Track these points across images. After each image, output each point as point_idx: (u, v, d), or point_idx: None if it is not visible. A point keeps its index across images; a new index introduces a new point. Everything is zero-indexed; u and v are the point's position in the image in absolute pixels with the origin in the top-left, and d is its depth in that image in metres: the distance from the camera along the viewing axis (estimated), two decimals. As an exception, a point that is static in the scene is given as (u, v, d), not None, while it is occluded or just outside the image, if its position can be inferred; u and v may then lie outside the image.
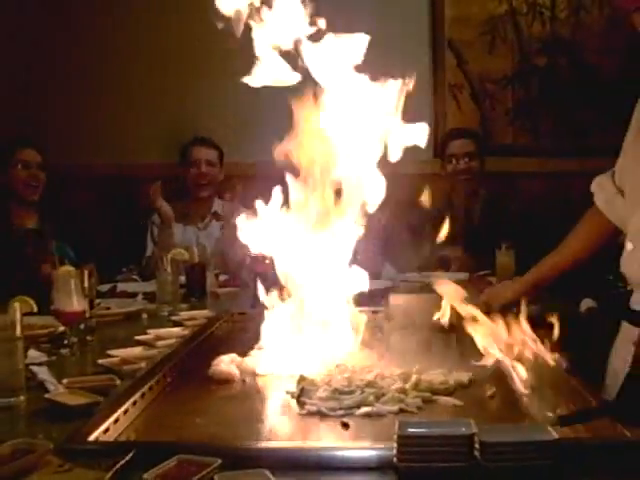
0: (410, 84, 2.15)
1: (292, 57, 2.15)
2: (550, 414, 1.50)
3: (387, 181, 2.18)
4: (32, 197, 3.81)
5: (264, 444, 1.49)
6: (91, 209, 4.76)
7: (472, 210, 4.23)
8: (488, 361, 1.84)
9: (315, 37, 2.16)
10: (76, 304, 2.32)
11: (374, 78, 2.18)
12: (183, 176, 4.45)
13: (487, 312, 1.94)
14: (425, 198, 2.47)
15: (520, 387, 1.71)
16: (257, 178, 4.39)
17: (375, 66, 2.18)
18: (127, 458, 1.34)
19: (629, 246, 2.08)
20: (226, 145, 4.48)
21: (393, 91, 2.16)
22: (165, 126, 4.82)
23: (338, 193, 2.21)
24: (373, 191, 2.19)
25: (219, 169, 4.46)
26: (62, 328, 2.39)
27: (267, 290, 2.24)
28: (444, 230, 2.37)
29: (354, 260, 2.26)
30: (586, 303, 2.74)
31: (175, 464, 1.31)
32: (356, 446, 1.48)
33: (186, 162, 4.44)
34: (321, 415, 1.68)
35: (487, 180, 4.29)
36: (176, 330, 2.56)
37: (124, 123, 4.85)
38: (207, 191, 4.43)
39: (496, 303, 2.28)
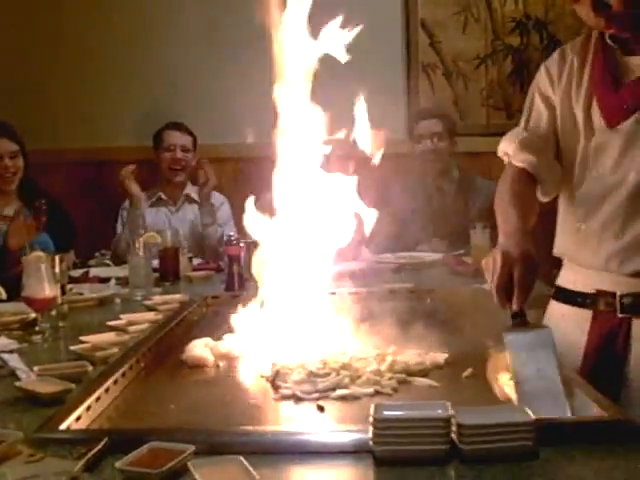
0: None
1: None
2: None
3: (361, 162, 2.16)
4: (8, 187, 3.71)
5: (238, 430, 1.47)
6: (66, 194, 4.70)
7: (445, 191, 4.22)
8: None
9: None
10: (47, 290, 2.29)
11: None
12: (156, 160, 4.44)
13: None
14: None
15: None
16: (227, 161, 4.43)
17: (348, 46, 2.16)
18: (99, 446, 1.32)
19: (582, 226, 1.99)
20: (197, 128, 4.46)
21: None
22: (139, 109, 4.80)
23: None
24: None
25: (193, 155, 4.48)
26: (33, 315, 2.36)
27: (239, 273, 2.21)
28: None
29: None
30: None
31: (148, 452, 1.29)
32: (331, 430, 1.47)
33: (160, 146, 4.44)
34: (296, 399, 1.66)
35: (461, 160, 4.28)
36: (149, 315, 2.54)
37: (97, 107, 4.80)
38: (181, 176, 4.45)
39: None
